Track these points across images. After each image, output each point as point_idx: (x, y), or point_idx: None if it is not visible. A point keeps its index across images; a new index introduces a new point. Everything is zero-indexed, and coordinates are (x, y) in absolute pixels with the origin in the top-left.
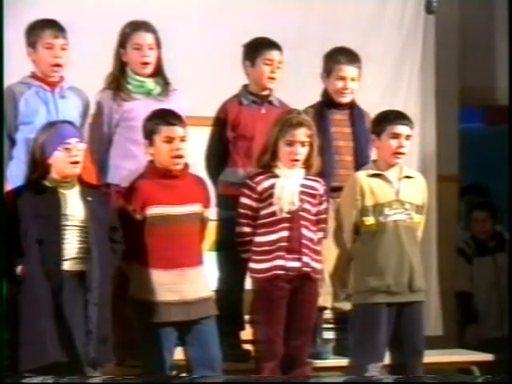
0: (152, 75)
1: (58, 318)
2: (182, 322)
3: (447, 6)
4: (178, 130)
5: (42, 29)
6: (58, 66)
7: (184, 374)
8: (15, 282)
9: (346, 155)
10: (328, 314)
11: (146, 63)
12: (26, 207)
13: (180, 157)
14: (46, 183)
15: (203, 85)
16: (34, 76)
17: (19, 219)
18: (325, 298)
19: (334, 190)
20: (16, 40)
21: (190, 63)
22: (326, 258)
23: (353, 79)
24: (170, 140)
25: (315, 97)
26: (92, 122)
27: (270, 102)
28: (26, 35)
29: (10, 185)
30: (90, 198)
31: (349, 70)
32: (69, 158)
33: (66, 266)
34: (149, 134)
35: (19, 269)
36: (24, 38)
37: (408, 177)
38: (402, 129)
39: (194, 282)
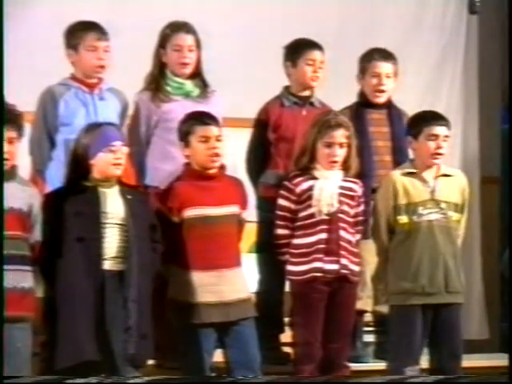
0: (191, 77)
1: (97, 317)
2: (221, 323)
3: (490, 6)
4: (213, 130)
5: (85, 31)
6: (101, 67)
7: (224, 376)
8: (54, 281)
9: (385, 155)
10: (368, 317)
11: (186, 64)
12: (66, 206)
13: (217, 155)
14: (87, 183)
15: (244, 86)
16: (73, 78)
17: (59, 218)
18: (365, 302)
19: (374, 192)
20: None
21: (230, 64)
22: (368, 261)
23: (388, 76)
24: (206, 139)
25: (353, 99)
26: (130, 123)
27: (312, 104)
28: (65, 37)
29: (49, 186)
30: (129, 196)
31: (383, 66)
32: (113, 160)
33: (107, 265)
34: (184, 136)
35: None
36: (63, 40)
37: (446, 175)
38: (439, 130)
39: (232, 283)
